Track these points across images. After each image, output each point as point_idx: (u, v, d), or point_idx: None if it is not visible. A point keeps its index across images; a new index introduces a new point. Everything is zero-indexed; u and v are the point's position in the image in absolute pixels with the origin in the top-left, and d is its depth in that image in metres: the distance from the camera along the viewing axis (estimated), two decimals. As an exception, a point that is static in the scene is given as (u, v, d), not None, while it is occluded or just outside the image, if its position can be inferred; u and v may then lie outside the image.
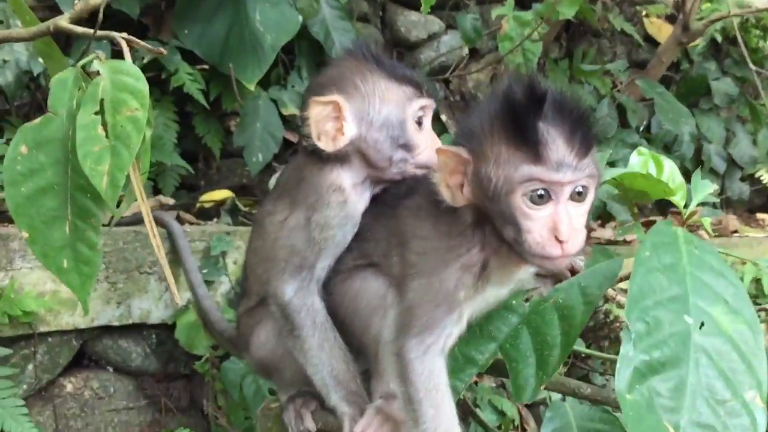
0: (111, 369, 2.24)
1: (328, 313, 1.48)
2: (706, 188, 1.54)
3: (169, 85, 2.97)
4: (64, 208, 1.37)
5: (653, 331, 1.24)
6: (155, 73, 2.99)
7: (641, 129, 4.70)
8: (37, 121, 1.36)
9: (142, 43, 1.58)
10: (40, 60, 2.56)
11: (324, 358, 1.46)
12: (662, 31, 5.00)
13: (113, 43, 2.98)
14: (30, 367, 2.04)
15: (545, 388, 1.69)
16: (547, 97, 1.16)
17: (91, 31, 1.69)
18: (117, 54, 2.71)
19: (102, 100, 1.35)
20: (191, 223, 2.76)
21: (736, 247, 4.00)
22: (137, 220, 2.38)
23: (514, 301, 1.50)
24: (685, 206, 1.56)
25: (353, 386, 1.47)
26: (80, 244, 1.38)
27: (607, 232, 3.64)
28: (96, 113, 1.34)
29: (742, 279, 3.80)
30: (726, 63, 5.27)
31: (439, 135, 3.32)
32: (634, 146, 4.69)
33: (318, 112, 1.44)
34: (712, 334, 1.26)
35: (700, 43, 4.92)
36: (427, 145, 1.51)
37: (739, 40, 4.45)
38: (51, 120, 1.37)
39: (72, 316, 2.07)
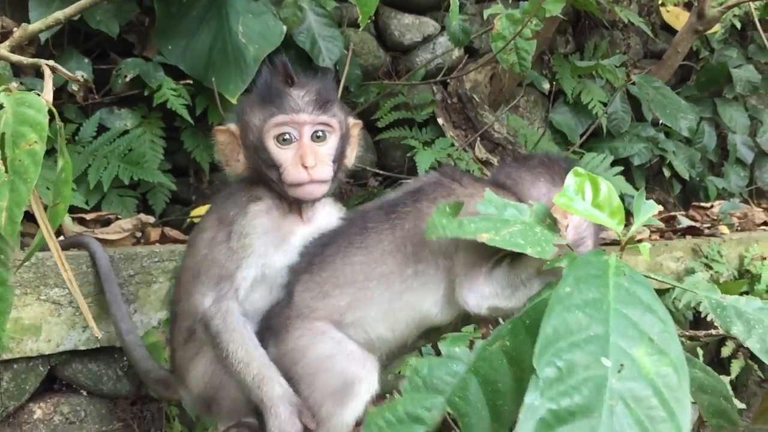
0: (84, 393, 2.23)
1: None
2: (649, 210, 1.44)
3: (153, 102, 2.97)
4: (-27, 245, 1.36)
5: (565, 377, 1.13)
6: (139, 90, 2.99)
7: (660, 122, 4.55)
8: (-55, 158, 1.35)
9: (64, 70, 1.56)
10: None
11: (249, 355, 1.46)
12: (680, 19, 4.82)
13: (94, 63, 2.98)
14: (-6, 395, 2.04)
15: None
16: None
17: (23, 59, 1.69)
18: (100, 73, 2.71)
19: (3, 134, 1.32)
20: (175, 241, 2.75)
21: (756, 241, 3.83)
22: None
23: (457, 348, 1.39)
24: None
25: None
26: (-10, 282, 1.36)
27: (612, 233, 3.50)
28: (-2, 148, 1.32)
29: (760, 275, 3.64)
30: (750, 49, 5.08)
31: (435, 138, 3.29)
32: (650, 140, 4.57)
33: None
34: (631, 378, 1.15)
35: (718, 30, 4.74)
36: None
37: (758, 25, 4.28)
38: (-40, 156, 1.36)
39: (36, 342, 2.06)
